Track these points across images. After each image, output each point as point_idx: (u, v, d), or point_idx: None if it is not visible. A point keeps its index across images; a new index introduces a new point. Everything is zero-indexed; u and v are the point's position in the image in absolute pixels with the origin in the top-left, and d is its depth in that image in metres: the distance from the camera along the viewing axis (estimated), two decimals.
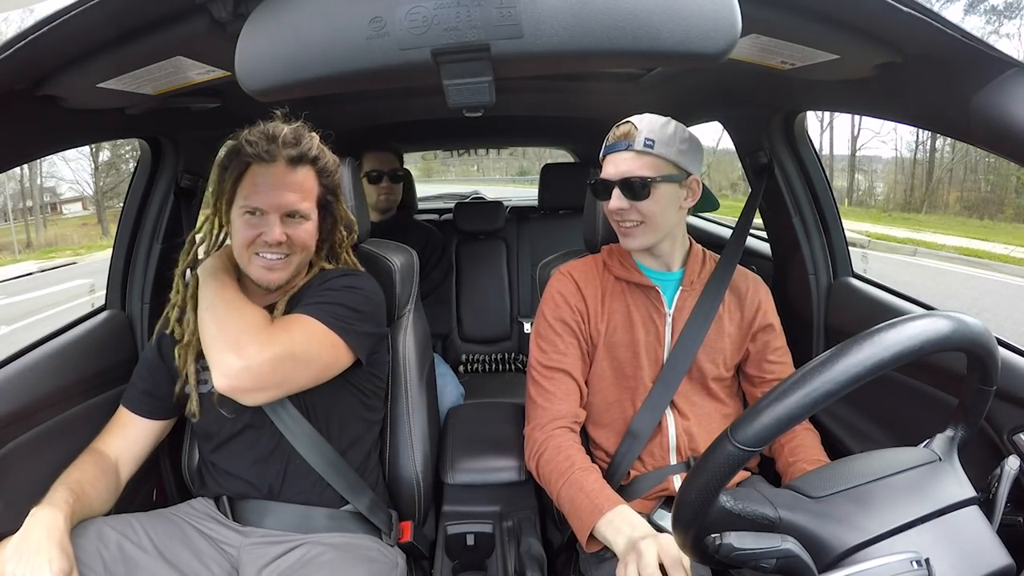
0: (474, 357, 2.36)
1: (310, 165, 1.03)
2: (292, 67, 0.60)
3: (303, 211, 1.02)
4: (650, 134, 1.05)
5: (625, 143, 1.06)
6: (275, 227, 0.98)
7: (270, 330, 0.94)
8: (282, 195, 0.99)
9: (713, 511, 0.59)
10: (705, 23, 0.57)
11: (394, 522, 1.13)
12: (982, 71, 0.72)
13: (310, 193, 1.03)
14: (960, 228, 13.48)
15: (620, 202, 1.06)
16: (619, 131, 1.09)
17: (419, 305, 1.32)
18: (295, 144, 1.00)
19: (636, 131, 1.06)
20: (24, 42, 0.65)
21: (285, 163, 1.00)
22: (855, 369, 0.55)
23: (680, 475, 1.12)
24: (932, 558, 0.57)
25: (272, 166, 0.99)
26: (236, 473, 1.07)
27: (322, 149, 1.06)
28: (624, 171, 1.06)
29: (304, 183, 1.02)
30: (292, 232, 1.01)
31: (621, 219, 1.09)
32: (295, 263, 1.04)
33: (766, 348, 1.18)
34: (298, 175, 1.01)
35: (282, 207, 0.99)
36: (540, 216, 2.56)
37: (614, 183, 1.07)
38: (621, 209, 1.07)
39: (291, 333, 0.94)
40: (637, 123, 1.07)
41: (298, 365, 0.93)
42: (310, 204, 1.03)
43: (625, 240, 1.11)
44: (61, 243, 19.58)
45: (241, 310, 0.96)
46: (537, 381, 1.14)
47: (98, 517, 0.97)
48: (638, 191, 1.05)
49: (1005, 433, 0.92)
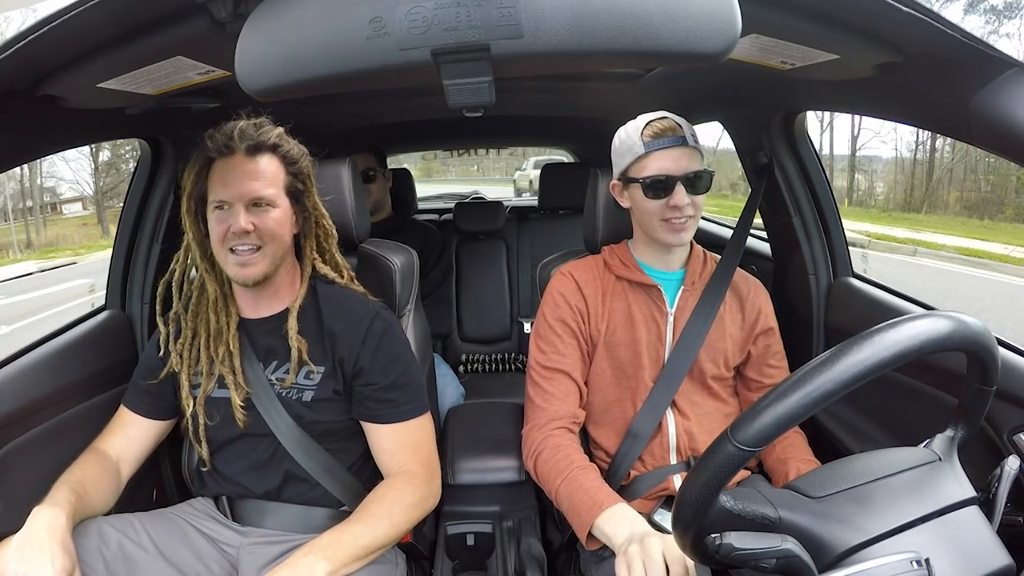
0: (474, 357, 2.35)
1: (271, 152, 1.02)
2: (292, 67, 0.60)
3: (267, 198, 1.00)
4: (688, 129, 1.07)
5: (677, 138, 1.05)
6: (240, 216, 0.97)
7: (432, 451, 1.11)
8: (243, 184, 0.98)
9: (713, 511, 0.59)
10: (705, 23, 0.57)
11: None
12: (982, 71, 0.72)
13: (274, 180, 1.01)
14: (960, 228, 13.47)
15: (685, 197, 1.05)
16: (661, 125, 1.06)
17: (419, 305, 1.32)
18: (253, 134, 1.00)
19: (679, 126, 1.06)
20: (24, 42, 0.65)
21: (244, 153, 0.99)
22: (855, 369, 0.55)
23: (680, 475, 1.12)
24: (932, 558, 0.57)
25: (232, 158, 0.99)
26: (234, 478, 1.07)
27: (284, 138, 1.04)
28: (685, 166, 1.05)
29: (266, 170, 1.01)
30: (258, 221, 0.99)
31: (680, 214, 1.06)
32: (268, 255, 1.01)
33: (767, 351, 1.19)
34: (260, 163, 1.00)
35: (244, 195, 0.98)
36: (540, 216, 2.55)
37: (677, 178, 1.05)
38: (685, 204, 1.05)
39: (432, 434, 1.11)
40: (674, 119, 1.07)
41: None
42: (276, 191, 1.01)
43: (678, 236, 1.08)
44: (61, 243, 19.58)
45: (404, 517, 1.01)
46: (536, 382, 1.14)
47: (99, 516, 0.97)
48: (700, 186, 1.05)
49: (1005, 433, 0.92)
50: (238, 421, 1.02)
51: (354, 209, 1.23)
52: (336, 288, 1.12)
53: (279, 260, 1.04)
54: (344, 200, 1.22)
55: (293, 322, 1.04)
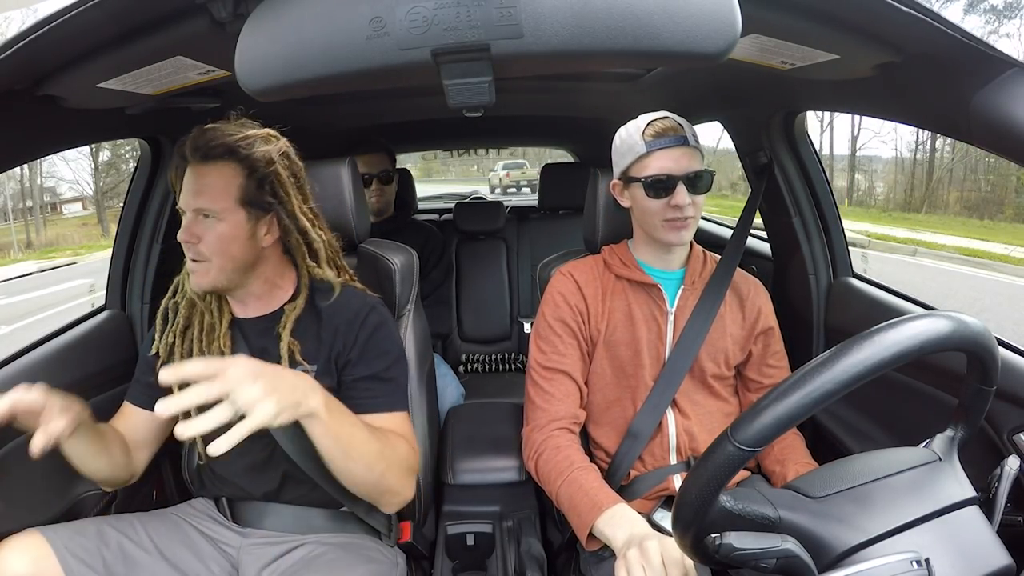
0: (474, 357, 2.35)
1: (225, 160, 0.96)
2: (292, 67, 0.60)
3: (210, 210, 0.95)
4: (689, 129, 1.07)
5: (679, 138, 1.05)
6: (185, 225, 0.96)
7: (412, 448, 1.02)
8: (192, 195, 0.95)
9: (713, 511, 0.59)
10: (705, 23, 0.57)
11: (394, 522, 1.13)
12: (982, 71, 0.72)
13: (223, 192, 0.95)
14: (960, 228, 13.47)
15: (687, 197, 1.05)
16: (663, 125, 1.06)
17: (419, 305, 1.32)
18: (204, 142, 0.96)
19: (681, 126, 1.06)
20: (24, 42, 0.65)
21: (199, 162, 0.96)
22: (855, 369, 0.55)
23: (680, 475, 1.12)
24: (932, 558, 0.57)
25: (192, 166, 0.97)
26: (231, 479, 1.06)
27: (249, 142, 0.97)
28: (686, 166, 1.05)
29: (214, 182, 0.95)
30: (202, 233, 0.95)
31: (681, 214, 1.06)
32: (215, 268, 0.97)
33: (766, 351, 1.19)
34: (211, 173, 0.95)
35: (190, 205, 0.96)
36: (540, 216, 2.56)
37: (679, 178, 1.05)
38: (686, 204, 1.05)
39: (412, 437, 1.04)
40: (675, 119, 1.07)
41: None
42: (224, 204, 0.95)
43: (679, 235, 1.08)
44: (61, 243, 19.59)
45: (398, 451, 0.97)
46: (536, 382, 1.14)
47: (98, 517, 0.97)
48: (701, 186, 1.06)
49: (1005, 433, 0.92)
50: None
51: (354, 209, 1.23)
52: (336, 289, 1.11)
53: (236, 273, 0.99)
54: (344, 200, 1.22)
55: (286, 324, 1.02)
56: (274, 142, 1.01)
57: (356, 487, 0.93)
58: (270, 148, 0.99)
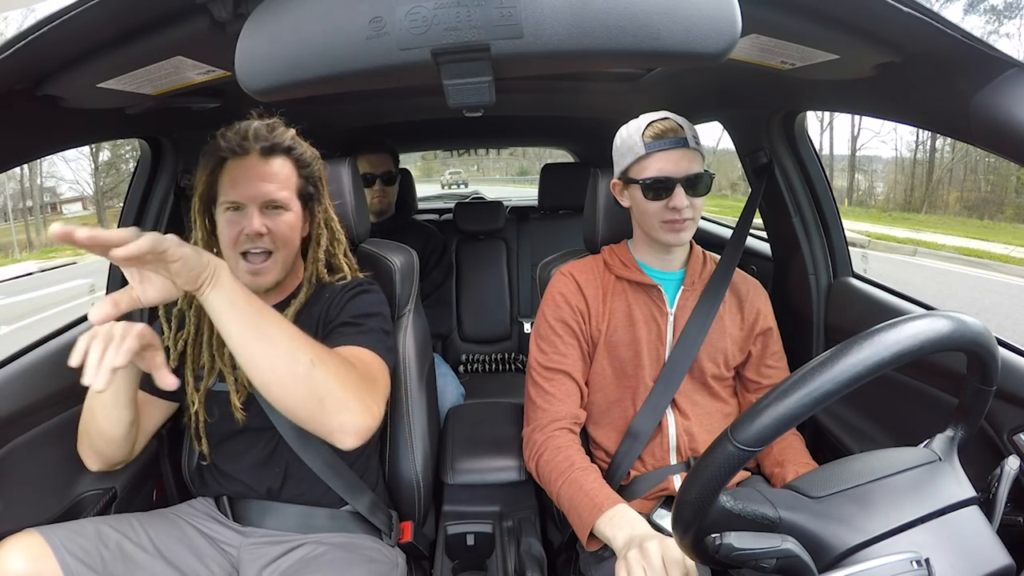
0: (474, 357, 2.36)
1: (284, 155, 1.02)
2: (292, 67, 0.60)
3: (281, 200, 0.99)
4: (690, 130, 1.06)
5: (678, 139, 1.05)
6: (254, 218, 0.97)
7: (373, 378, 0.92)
8: (258, 185, 0.98)
9: (713, 511, 0.59)
10: (705, 23, 0.57)
11: (394, 522, 1.13)
12: (982, 71, 0.72)
13: (288, 182, 1.01)
14: (960, 228, 13.48)
15: (685, 199, 1.05)
16: (662, 126, 1.06)
17: (419, 305, 1.32)
18: (267, 135, 1.00)
19: (681, 128, 1.06)
20: (24, 42, 0.65)
21: (258, 154, 0.99)
22: (855, 369, 0.55)
23: (680, 475, 1.12)
24: (932, 558, 0.57)
25: (246, 159, 0.98)
26: (235, 475, 1.07)
27: (297, 140, 1.04)
28: (686, 168, 1.05)
29: (280, 172, 1.00)
30: (272, 224, 0.98)
31: (680, 216, 1.06)
32: (280, 262, 1.01)
33: (765, 352, 1.19)
34: (273, 165, 1.00)
35: (259, 197, 0.98)
36: (540, 216, 2.56)
37: (677, 180, 1.05)
38: (685, 207, 1.05)
39: (380, 377, 0.95)
40: (676, 120, 1.07)
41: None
42: (289, 193, 1.01)
43: (677, 236, 1.08)
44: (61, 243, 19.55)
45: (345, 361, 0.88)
46: (537, 382, 1.14)
47: (97, 517, 0.97)
48: (700, 188, 1.06)
49: (1005, 433, 0.92)
50: (238, 419, 1.02)
51: (354, 209, 1.23)
52: (339, 284, 1.11)
53: (289, 266, 1.04)
54: (344, 200, 1.22)
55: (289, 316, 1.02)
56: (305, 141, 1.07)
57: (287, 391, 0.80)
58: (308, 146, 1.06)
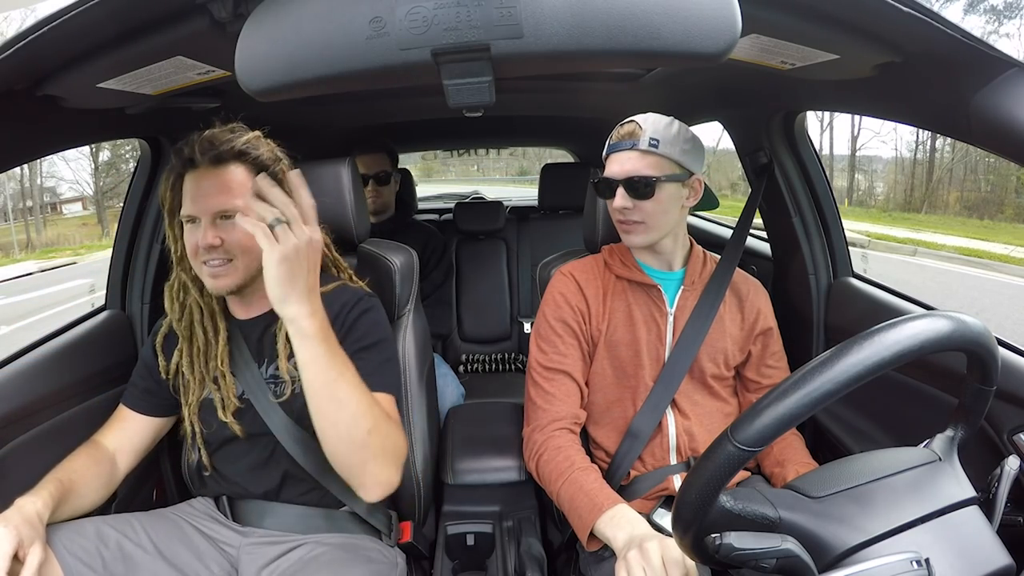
0: (474, 357, 2.36)
1: (237, 160, 0.98)
2: (292, 67, 0.60)
3: (231, 209, 0.96)
4: (655, 134, 1.06)
5: (630, 142, 1.07)
6: (206, 231, 0.95)
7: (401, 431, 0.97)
8: (208, 198, 0.96)
9: (713, 511, 0.59)
10: (705, 23, 0.57)
11: (394, 522, 1.13)
12: (982, 71, 0.72)
13: (242, 188, 0.97)
14: (960, 228, 13.48)
15: (624, 201, 1.07)
16: (623, 130, 1.09)
17: (419, 305, 1.32)
18: (213, 144, 0.97)
19: (641, 130, 1.06)
20: (24, 42, 0.65)
21: (209, 164, 0.97)
22: (855, 369, 0.55)
23: (680, 475, 1.12)
24: (932, 558, 0.57)
25: (197, 171, 0.97)
26: (233, 479, 1.06)
27: (253, 143, 1.00)
28: (629, 170, 1.06)
29: (232, 180, 0.97)
30: (225, 234, 0.96)
31: (624, 217, 1.09)
32: (241, 267, 0.99)
33: (765, 352, 1.19)
34: (225, 174, 0.97)
35: (208, 209, 0.96)
36: (540, 216, 2.56)
37: (618, 182, 1.07)
38: (625, 208, 1.07)
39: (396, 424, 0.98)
40: (642, 122, 1.07)
41: None
42: (244, 200, 0.95)
43: (627, 237, 1.12)
44: (61, 243, 19.59)
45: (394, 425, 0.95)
46: (537, 382, 1.14)
47: (97, 516, 0.97)
48: (642, 190, 1.06)
49: (1005, 433, 0.92)
50: (234, 430, 1.02)
51: (354, 209, 1.23)
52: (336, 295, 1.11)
53: (255, 271, 1.00)
54: (344, 200, 1.22)
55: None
56: (268, 142, 1.04)
57: (340, 445, 0.88)
58: (271, 147, 1.03)
